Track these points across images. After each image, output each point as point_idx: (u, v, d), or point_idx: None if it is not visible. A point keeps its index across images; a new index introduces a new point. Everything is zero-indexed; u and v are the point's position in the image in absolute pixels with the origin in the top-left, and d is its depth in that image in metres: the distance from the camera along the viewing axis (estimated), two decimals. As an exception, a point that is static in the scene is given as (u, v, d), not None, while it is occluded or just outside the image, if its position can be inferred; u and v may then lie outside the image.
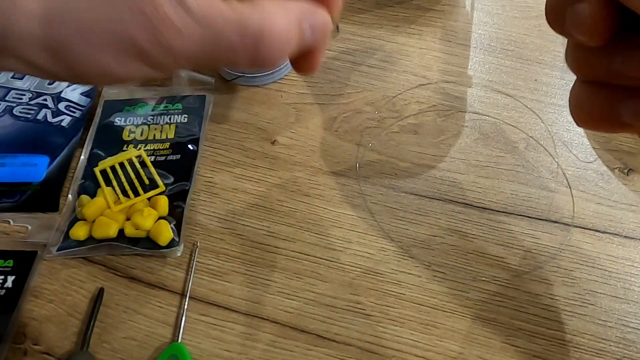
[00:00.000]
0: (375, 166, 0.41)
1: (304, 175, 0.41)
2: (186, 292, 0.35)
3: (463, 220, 0.38)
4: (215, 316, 0.34)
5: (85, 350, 0.33)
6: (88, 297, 0.35)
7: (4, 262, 0.36)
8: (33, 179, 0.40)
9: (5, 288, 0.35)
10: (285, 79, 0.46)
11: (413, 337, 0.33)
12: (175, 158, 0.41)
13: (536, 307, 0.34)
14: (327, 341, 0.33)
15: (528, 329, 0.34)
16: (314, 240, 0.37)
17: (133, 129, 0.42)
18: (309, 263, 0.36)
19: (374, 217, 0.38)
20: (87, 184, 0.39)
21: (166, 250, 0.36)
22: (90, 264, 0.37)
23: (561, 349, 0.33)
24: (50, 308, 0.35)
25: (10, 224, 0.38)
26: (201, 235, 0.38)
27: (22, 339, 0.34)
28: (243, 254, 0.37)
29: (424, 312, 0.34)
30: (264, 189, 0.40)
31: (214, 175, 0.41)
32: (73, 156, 0.42)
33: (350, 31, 0.49)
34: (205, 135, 0.43)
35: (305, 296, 0.35)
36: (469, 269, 0.36)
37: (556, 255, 0.36)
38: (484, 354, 0.33)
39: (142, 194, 0.38)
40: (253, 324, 0.34)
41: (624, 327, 0.33)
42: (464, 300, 0.35)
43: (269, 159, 0.42)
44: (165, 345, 0.33)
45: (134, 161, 0.40)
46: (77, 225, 0.37)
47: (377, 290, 0.35)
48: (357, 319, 0.34)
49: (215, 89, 0.45)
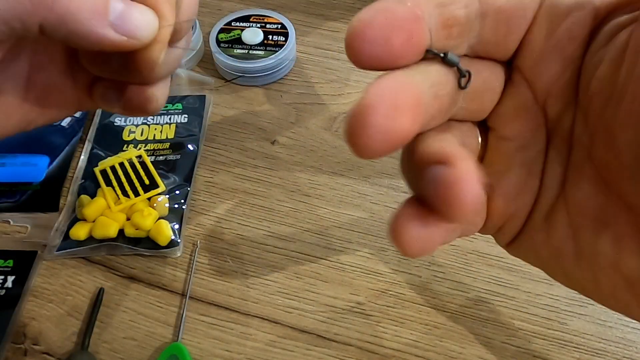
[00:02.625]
0: (376, 166, 0.41)
1: (304, 175, 0.41)
2: (186, 292, 0.35)
3: (463, 220, 0.38)
4: (215, 316, 0.34)
5: (85, 350, 0.33)
6: (88, 297, 0.35)
7: (4, 262, 0.36)
8: (33, 179, 0.40)
9: (5, 288, 0.35)
10: (285, 79, 0.46)
11: (413, 337, 0.33)
12: (175, 158, 0.41)
13: (536, 307, 0.34)
14: (327, 341, 0.33)
15: (528, 329, 0.34)
16: (314, 240, 0.37)
17: (133, 129, 0.42)
18: (309, 263, 0.36)
19: (374, 217, 0.38)
20: (87, 184, 0.39)
21: (166, 250, 0.36)
22: (90, 264, 0.37)
23: (561, 349, 0.33)
24: (50, 308, 0.35)
25: (10, 224, 0.38)
26: (201, 235, 0.38)
27: (22, 339, 0.34)
28: (243, 254, 0.37)
29: (424, 312, 0.34)
30: (264, 189, 0.40)
31: (214, 175, 0.41)
32: (73, 156, 0.42)
33: (350, 31, 0.49)
34: (205, 135, 0.43)
35: (305, 296, 0.35)
36: (469, 269, 0.36)
37: (556, 255, 0.36)
38: (484, 354, 0.33)
39: (142, 194, 0.38)
40: (253, 324, 0.34)
41: (624, 327, 0.33)
42: (464, 300, 0.35)
43: (269, 159, 0.42)
44: (165, 345, 0.33)
45: (134, 161, 0.40)
46: (77, 225, 0.37)
47: (377, 290, 0.35)
48: (357, 319, 0.34)
49: (215, 89, 0.45)
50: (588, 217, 0.17)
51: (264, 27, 0.47)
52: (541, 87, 0.18)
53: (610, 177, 0.16)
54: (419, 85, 0.15)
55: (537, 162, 0.19)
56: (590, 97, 0.16)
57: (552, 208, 0.18)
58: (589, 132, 0.17)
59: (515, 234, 0.20)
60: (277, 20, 0.47)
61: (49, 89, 0.23)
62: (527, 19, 0.17)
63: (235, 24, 0.47)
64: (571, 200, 0.18)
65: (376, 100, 0.14)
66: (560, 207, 0.18)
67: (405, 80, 0.15)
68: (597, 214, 0.17)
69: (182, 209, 0.38)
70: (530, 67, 0.18)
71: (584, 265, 0.18)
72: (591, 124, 0.16)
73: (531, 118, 0.18)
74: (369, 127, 0.14)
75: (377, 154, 0.15)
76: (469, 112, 0.18)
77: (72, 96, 0.24)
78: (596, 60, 0.16)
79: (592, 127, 0.16)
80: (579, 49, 0.17)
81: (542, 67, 0.17)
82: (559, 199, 0.18)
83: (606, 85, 0.15)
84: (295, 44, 0.46)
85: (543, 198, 0.19)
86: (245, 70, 0.45)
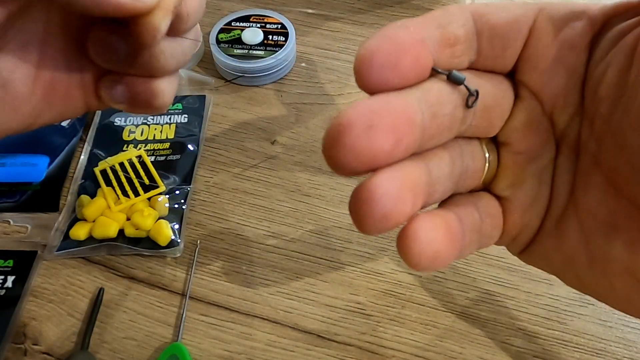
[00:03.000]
0: (375, 166, 0.41)
1: (304, 175, 0.41)
2: (186, 292, 0.35)
3: (463, 220, 0.38)
4: (215, 316, 0.34)
5: (85, 350, 0.33)
6: (88, 297, 0.35)
7: (4, 262, 0.36)
8: (33, 179, 0.40)
9: (5, 288, 0.35)
10: (285, 79, 0.46)
11: (413, 337, 0.33)
12: (175, 158, 0.41)
13: (536, 307, 0.34)
14: (327, 341, 0.33)
15: (528, 329, 0.34)
16: (314, 240, 0.37)
17: (133, 129, 0.42)
18: (309, 263, 0.36)
19: (374, 217, 0.38)
20: (87, 184, 0.39)
21: (166, 250, 0.36)
22: (90, 264, 0.37)
23: (561, 349, 0.33)
24: (50, 308, 0.35)
25: (10, 224, 0.38)
26: (201, 235, 0.38)
27: (22, 339, 0.34)
28: (243, 254, 0.37)
29: (424, 312, 0.34)
30: (264, 189, 0.40)
31: (214, 175, 0.41)
32: (73, 156, 0.42)
33: (350, 31, 0.49)
34: (205, 135, 0.43)
35: (305, 296, 0.35)
36: (469, 269, 0.36)
37: (556, 255, 0.36)
38: (484, 354, 0.33)
39: (142, 194, 0.38)
40: (253, 324, 0.34)
41: (624, 327, 0.33)
42: (464, 300, 0.35)
43: (269, 159, 0.42)
44: (165, 345, 0.33)
45: (134, 161, 0.40)
46: (77, 225, 0.37)
47: (377, 290, 0.35)
48: (357, 319, 0.34)
49: (215, 89, 0.45)
50: (599, 222, 0.17)
51: (264, 27, 0.47)
52: (548, 99, 0.18)
53: (620, 182, 0.16)
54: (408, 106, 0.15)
55: (547, 172, 0.19)
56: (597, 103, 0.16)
57: (563, 215, 0.19)
58: (596, 138, 0.17)
59: (528, 242, 0.20)
60: (277, 20, 0.47)
61: (57, 83, 0.23)
62: (523, 33, 0.17)
63: (235, 24, 0.47)
64: (581, 207, 0.18)
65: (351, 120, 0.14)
66: (571, 214, 0.18)
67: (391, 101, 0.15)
68: (608, 219, 0.17)
69: (182, 209, 0.38)
70: (535, 80, 0.18)
71: (597, 271, 0.18)
72: (598, 130, 0.17)
73: (541, 130, 0.18)
74: (342, 146, 0.14)
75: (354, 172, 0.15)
76: (478, 129, 0.18)
77: (78, 93, 0.24)
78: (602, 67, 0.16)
79: (599, 133, 0.17)
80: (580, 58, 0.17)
81: (546, 78, 0.17)
82: (568, 206, 0.18)
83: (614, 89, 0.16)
84: (295, 44, 0.46)
85: (554, 205, 0.19)
86: (245, 70, 0.45)
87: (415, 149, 0.16)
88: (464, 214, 0.18)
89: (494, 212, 0.19)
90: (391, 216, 0.15)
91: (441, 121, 0.16)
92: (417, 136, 0.16)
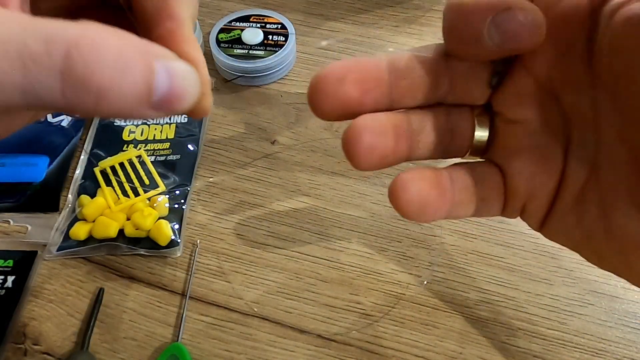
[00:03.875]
0: (375, 166, 0.41)
1: (304, 175, 0.41)
2: (186, 292, 0.35)
3: (464, 220, 0.38)
4: (215, 316, 0.34)
5: (85, 350, 0.33)
6: (88, 297, 0.35)
7: (4, 262, 0.36)
8: (33, 179, 0.40)
9: (5, 288, 0.35)
10: (285, 79, 0.46)
11: (413, 337, 0.33)
12: (175, 158, 0.41)
13: (536, 307, 0.34)
14: (327, 341, 0.33)
15: (528, 329, 0.34)
16: (314, 240, 0.37)
17: (133, 129, 0.43)
18: (309, 263, 0.36)
19: (374, 217, 0.38)
20: (87, 184, 0.39)
21: (166, 250, 0.36)
22: (90, 264, 0.37)
23: (561, 349, 0.33)
24: (50, 308, 0.35)
25: (10, 224, 0.38)
26: (201, 235, 0.38)
27: (22, 339, 0.34)
28: (243, 254, 0.37)
29: (424, 312, 0.34)
30: (264, 189, 0.40)
31: (214, 175, 0.41)
32: (73, 156, 0.42)
33: (350, 31, 0.49)
34: (205, 135, 0.43)
35: (305, 296, 0.35)
36: (469, 269, 0.36)
37: (556, 255, 0.36)
38: (484, 354, 0.33)
39: (142, 194, 0.38)
40: (253, 324, 0.34)
41: (624, 327, 0.33)
42: (464, 300, 0.35)
43: (269, 159, 0.42)
44: (165, 345, 0.33)
45: (134, 161, 0.40)
46: (77, 225, 0.37)
47: (377, 290, 0.35)
48: (357, 319, 0.34)
49: (215, 89, 0.45)
50: (619, 197, 0.17)
51: (264, 27, 0.47)
52: (541, 73, 0.18)
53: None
54: (376, 66, 0.19)
55: (555, 147, 0.19)
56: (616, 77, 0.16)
57: (583, 189, 0.19)
58: (619, 113, 0.17)
59: (543, 216, 0.21)
60: (277, 20, 0.47)
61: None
62: None
63: (235, 24, 0.47)
64: (603, 181, 0.18)
65: (327, 74, 0.18)
66: (591, 188, 0.18)
67: (361, 61, 0.19)
68: (629, 194, 0.17)
69: (182, 209, 0.38)
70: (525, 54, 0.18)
71: (615, 246, 0.18)
72: (621, 104, 0.16)
73: (537, 104, 0.19)
74: (319, 94, 0.18)
75: (333, 116, 0.19)
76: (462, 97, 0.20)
77: None
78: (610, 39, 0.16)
79: (622, 107, 0.16)
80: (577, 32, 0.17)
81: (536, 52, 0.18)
82: (589, 181, 0.19)
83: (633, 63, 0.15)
84: (295, 44, 0.46)
85: (571, 180, 0.19)
86: (245, 70, 0.45)
87: (387, 103, 0.19)
88: (456, 175, 0.20)
89: (493, 179, 0.20)
90: (376, 147, 0.18)
91: (410, 82, 0.19)
92: (385, 91, 0.19)
